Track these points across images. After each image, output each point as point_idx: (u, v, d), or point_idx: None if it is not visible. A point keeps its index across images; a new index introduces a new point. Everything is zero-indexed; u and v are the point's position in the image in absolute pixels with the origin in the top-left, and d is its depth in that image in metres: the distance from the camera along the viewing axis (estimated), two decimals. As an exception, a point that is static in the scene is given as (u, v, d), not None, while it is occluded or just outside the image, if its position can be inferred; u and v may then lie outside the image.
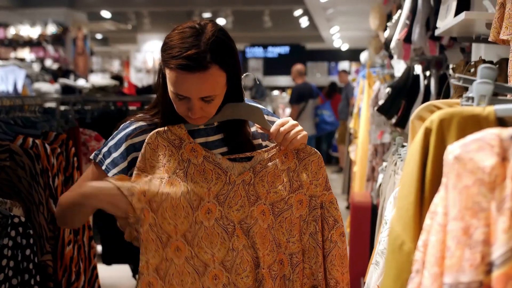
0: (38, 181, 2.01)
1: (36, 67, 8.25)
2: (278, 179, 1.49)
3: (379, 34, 5.55)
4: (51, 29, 10.32)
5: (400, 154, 2.26)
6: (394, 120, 3.54)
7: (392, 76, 4.55)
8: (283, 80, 14.96)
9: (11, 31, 10.39)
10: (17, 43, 10.40)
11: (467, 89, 1.04)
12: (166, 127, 1.46)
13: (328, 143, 10.10)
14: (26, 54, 10.26)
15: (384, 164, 2.78)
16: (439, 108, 1.12)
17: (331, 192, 1.52)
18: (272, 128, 1.50)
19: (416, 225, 0.93)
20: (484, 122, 0.92)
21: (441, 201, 0.83)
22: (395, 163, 2.24)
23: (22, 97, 2.75)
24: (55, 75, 7.28)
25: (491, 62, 1.92)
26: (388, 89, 3.87)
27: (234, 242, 1.45)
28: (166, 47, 1.39)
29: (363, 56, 7.85)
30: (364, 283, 1.83)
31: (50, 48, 10.29)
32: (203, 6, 11.35)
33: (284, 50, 16.23)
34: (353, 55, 13.95)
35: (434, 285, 0.79)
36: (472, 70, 2.02)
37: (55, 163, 2.12)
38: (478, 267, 0.74)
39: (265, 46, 16.29)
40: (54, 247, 2.05)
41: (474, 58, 2.38)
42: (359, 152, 5.23)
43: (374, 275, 1.67)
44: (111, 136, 1.54)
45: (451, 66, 2.39)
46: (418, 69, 3.60)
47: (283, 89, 14.26)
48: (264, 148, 1.54)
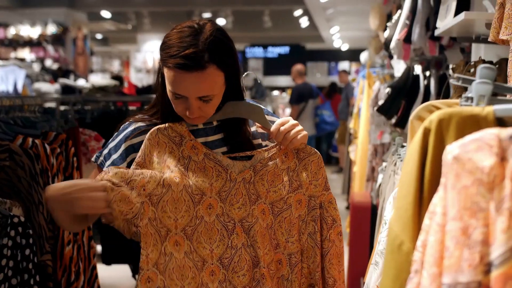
0: (38, 181, 2.01)
1: (36, 67, 8.24)
2: (278, 178, 1.49)
3: (379, 34, 5.55)
4: (51, 29, 10.32)
5: (399, 154, 2.26)
6: (394, 120, 3.54)
7: (392, 76, 4.55)
8: (283, 80, 14.96)
9: (11, 31, 10.39)
10: (17, 43, 10.40)
11: (467, 89, 1.04)
12: (167, 124, 1.46)
13: (328, 143, 10.10)
14: (26, 54, 10.26)
15: (384, 164, 2.78)
16: (438, 108, 1.12)
17: (330, 192, 1.52)
18: (273, 127, 1.50)
19: (415, 225, 0.93)
20: (483, 122, 0.92)
21: (440, 201, 0.82)
22: (395, 163, 2.24)
23: (22, 97, 2.74)
24: (55, 75, 7.28)
25: (491, 62, 1.92)
26: (388, 89, 3.87)
27: (233, 240, 1.45)
28: (165, 46, 1.39)
29: (363, 56, 7.85)
30: (363, 283, 1.82)
31: (50, 48, 10.29)
32: (203, 6, 11.35)
33: (284, 50, 16.23)
34: (353, 55, 13.95)
35: (433, 285, 0.79)
36: (472, 70, 2.01)
37: (55, 163, 2.12)
38: (477, 267, 0.74)
39: (265, 46, 16.29)
40: (54, 247, 2.05)
41: (474, 58, 2.37)
42: (359, 152, 5.23)
43: (374, 275, 1.67)
44: (111, 138, 1.55)
45: (451, 66, 2.39)
46: (418, 69, 3.60)
47: (283, 89, 14.25)
48: (264, 148, 1.54)
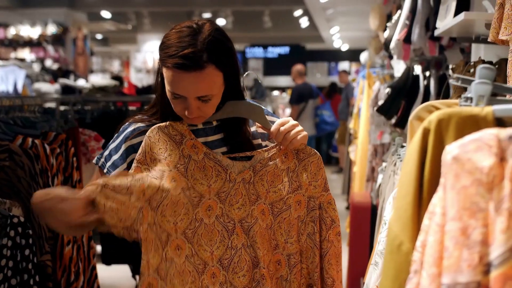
0: (38, 181, 2.01)
1: (36, 67, 8.23)
2: (278, 179, 1.49)
3: (379, 34, 5.55)
4: (51, 29, 10.32)
5: (399, 155, 2.26)
6: (393, 121, 3.54)
7: (392, 76, 4.55)
8: (283, 80, 14.96)
9: (11, 31, 10.39)
10: (17, 43, 10.40)
11: (466, 89, 1.04)
12: (167, 122, 1.46)
13: (328, 143, 10.10)
14: (26, 54, 10.25)
15: (384, 164, 2.78)
16: (437, 108, 1.11)
17: (329, 193, 1.52)
18: (273, 127, 1.50)
19: (415, 225, 0.93)
20: (482, 122, 0.92)
21: (439, 201, 0.82)
22: (395, 164, 2.24)
23: (22, 97, 2.75)
24: (55, 75, 7.27)
25: (491, 63, 1.91)
26: (388, 89, 3.87)
27: (233, 241, 1.45)
28: (164, 46, 1.39)
29: (363, 56, 7.85)
30: (363, 283, 1.82)
31: (50, 48, 10.29)
32: (203, 6, 11.35)
33: (284, 50, 16.22)
34: (353, 55, 13.95)
35: (432, 285, 0.79)
36: (471, 71, 2.01)
37: (55, 163, 2.12)
38: (476, 267, 0.74)
39: (265, 47, 16.29)
40: (53, 247, 2.05)
41: (474, 58, 2.37)
42: (359, 152, 5.23)
43: (374, 276, 1.67)
44: (112, 139, 1.55)
45: (451, 67, 2.39)
46: (418, 69, 3.60)
47: (283, 89, 14.25)
48: (264, 148, 1.54)
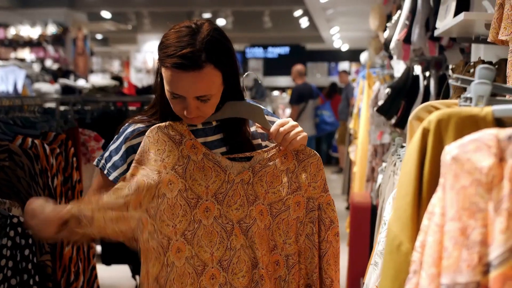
0: (37, 181, 2.01)
1: (36, 67, 8.23)
2: (277, 180, 1.48)
3: (379, 34, 5.55)
4: (51, 29, 10.32)
5: (399, 155, 2.25)
6: (393, 121, 3.54)
7: (392, 76, 4.55)
8: (283, 80, 14.95)
9: (11, 31, 10.39)
10: (17, 43, 10.40)
11: (466, 89, 1.04)
12: (167, 123, 1.46)
13: (328, 144, 10.11)
14: (26, 54, 10.26)
15: (384, 164, 2.78)
16: (437, 108, 1.11)
17: (328, 194, 1.52)
18: (272, 128, 1.49)
19: (414, 225, 0.92)
20: (482, 122, 0.92)
21: (438, 201, 0.82)
22: (395, 164, 2.24)
23: (22, 97, 2.74)
24: (55, 76, 7.27)
25: (490, 63, 1.91)
26: (388, 89, 3.87)
27: (232, 241, 1.45)
28: (162, 46, 1.39)
29: (363, 56, 7.85)
30: (363, 284, 1.82)
31: (50, 49, 10.29)
32: (203, 6, 11.35)
33: (284, 50, 16.22)
34: (353, 55, 13.95)
35: (432, 285, 0.79)
36: (471, 71, 2.01)
37: (54, 163, 2.12)
38: (476, 267, 0.74)
39: (265, 47, 16.29)
40: (53, 247, 2.05)
41: (474, 58, 2.37)
42: (359, 152, 5.22)
43: (373, 276, 1.68)
44: (112, 140, 1.55)
45: (451, 67, 2.39)
46: (418, 69, 3.60)
47: (283, 89, 14.25)
48: (263, 148, 1.54)
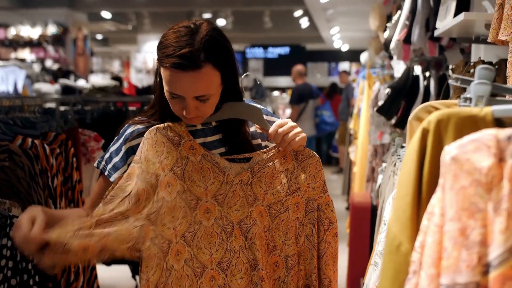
0: (37, 181, 2.01)
1: (37, 67, 8.23)
2: (276, 180, 1.48)
3: (379, 35, 5.55)
4: (52, 29, 10.33)
5: (399, 155, 2.25)
6: (393, 121, 3.54)
7: (392, 76, 4.55)
8: (283, 80, 14.96)
9: (12, 32, 10.40)
10: (17, 43, 10.40)
11: (466, 90, 1.04)
12: (166, 124, 1.45)
13: (329, 144, 10.10)
14: (27, 54, 10.26)
15: (384, 165, 2.77)
16: (437, 108, 1.11)
17: (327, 195, 1.52)
18: (271, 129, 1.49)
19: (413, 226, 0.92)
20: (481, 122, 0.92)
21: (438, 202, 0.82)
22: (394, 164, 2.24)
23: (22, 97, 2.75)
24: (55, 76, 7.26)
25: (491, 63, 1.91)
26: (388, 89, 3.87)
27: (232, 243, 1.44)
28: (161, 46, 1.39)
29: (363, 56, 7.86)
30: (363, 284, 1.82)
31: (51, 49, 10.29)
32: (203, 6, 11.35)
33: (284, 50, 16.23)
34: (353, 55, 13.95)
35: (431, 286, 0.79)
36: (471, 71, 2.01)
37: (54, 163, 2.12)
38: (475, 268, 0.74)
39: (265, 47, 16.29)
40: (53, 247, 2.04)
41: (474, 59, 2.37)
42: (359, 152, 5.22)
43: (373, 276, 1.68)
44: (112, 142, 1.55)
45: (451, 67, 2.39)
46: (418, 69, 3.60)
47: (283, 89, 14.26)
48: (263, 148, 1.54)
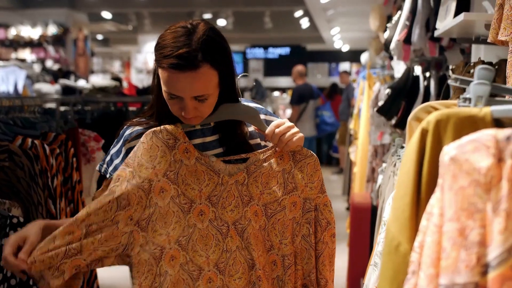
0: (37, 181, 2.01)
1: (37, 67, 8.23)
2: (273, 180, 1.47)
3: (379, 35, 5.55)
4: (52, 30, 10.33)
5: (399, 155, 2.25)
6: (394, 121, 3.54)
7: (392, 77, 4.55)
8: (284, 81, 14.96)
9: (12, 32, 10.41)
10: (18, 43, 10.41)
11: (465, 90, 1.04)
12: (162, 127, 1.44)
13: (329, 144, 10.11)
14: (27, 54, 10.27)
15: (384, 165, 2.77)
16: (436, 109, 1.11)
17: (325, 195, 1.52)
18: (268, 129, 1.48)
19: (412, 226, 0.92)
20: (480, 123, 0.92)
21: (437, 202, 0.82)
22: (394, 164, 2.24)
23: (22, 97, 2.75)
24: (55, 76, 7.27)
25: (491, 63, 1.91)
26: (388, 90, 3.87)
27: (228, 243, 1.44)
28: (159, 46, 1.39)
29: (364, 57, 7.86)
30: (363, 284, 1.82)
31: (51, 49, 10.30)
32: (203, 7, 11.36)
33: (285, 51, 16.23)
34: (353, 56, 13.96)
35: (430, 286, 0.79)
36: (471, 71, 2.01)
37: (54, 163, 2.12)
38: (474, 268, 0.74)
39: (265, 47, 16.29)
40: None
41: (474, 59, 2.37)
42: (359, 153, 5.22)
43: (373, 276, 1.68)
44: (112, 144, 1.55)
45: (451, 67, 2.39)
46: (418, 70, 3.60)
47: (283, 90, 14.26)
48: (263, 147, 1.54)
